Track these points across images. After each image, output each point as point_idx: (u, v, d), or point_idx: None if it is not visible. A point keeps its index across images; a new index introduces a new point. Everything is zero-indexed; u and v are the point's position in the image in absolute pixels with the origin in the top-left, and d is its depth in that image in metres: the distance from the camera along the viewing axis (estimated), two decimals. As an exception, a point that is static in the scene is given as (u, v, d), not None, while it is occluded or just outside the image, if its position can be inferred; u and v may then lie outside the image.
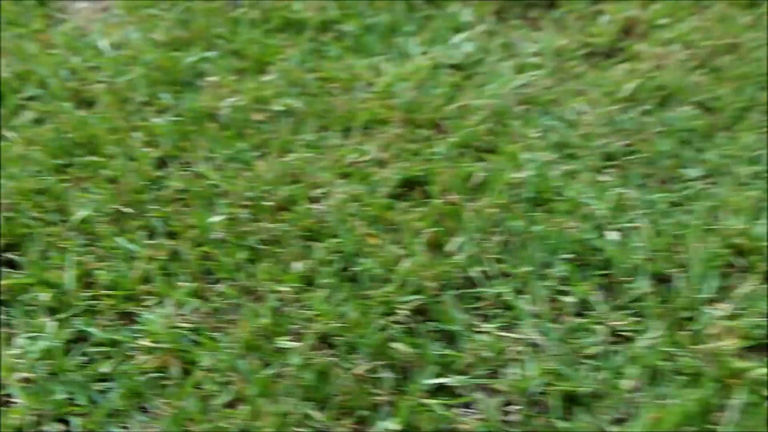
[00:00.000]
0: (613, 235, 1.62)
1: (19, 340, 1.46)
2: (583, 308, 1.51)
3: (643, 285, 1.53)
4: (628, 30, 2.29)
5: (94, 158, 1.84)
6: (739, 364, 1.39)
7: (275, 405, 1.34)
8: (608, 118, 1.94)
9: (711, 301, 1.51)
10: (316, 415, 1.34)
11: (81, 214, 1.69)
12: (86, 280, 1.57)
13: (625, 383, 1.37)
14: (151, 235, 1.67)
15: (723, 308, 1.49)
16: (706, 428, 1.31)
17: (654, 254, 1.58)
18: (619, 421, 1.34)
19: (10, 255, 1.63)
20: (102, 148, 1.86)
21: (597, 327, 1.47)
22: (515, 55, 2.19)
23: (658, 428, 1.30)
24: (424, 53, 2.19)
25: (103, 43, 2.22)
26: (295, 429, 1.32)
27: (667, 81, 2.05)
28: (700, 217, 1.65)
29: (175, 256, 1.62)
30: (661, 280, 1.55)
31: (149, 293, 1.54)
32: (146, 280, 1.57)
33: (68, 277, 1.56)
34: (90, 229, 1.67)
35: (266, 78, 2.09)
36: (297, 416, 1.33)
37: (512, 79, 2.07)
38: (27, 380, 1.40)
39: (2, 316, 1.51)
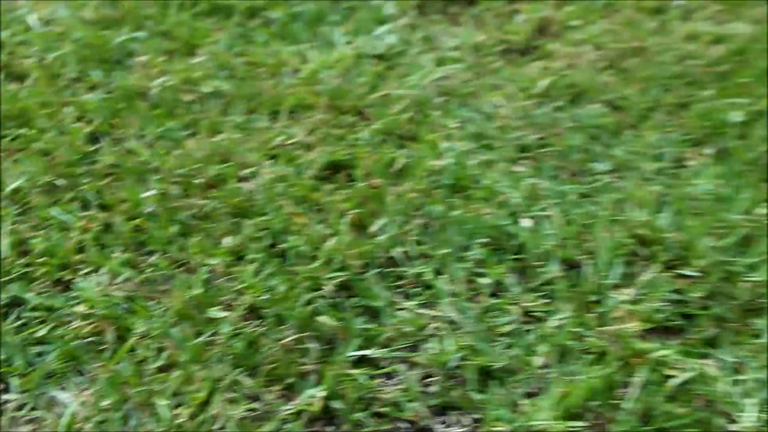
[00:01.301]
0: (526, 222, 1.71)
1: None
2: (497, 289, 1.60)
3: (553, 269, 1.62)
4: (542, 29, 2.40)
5: (26, 131, 1.87)
6: (641, 345, 1.49)
7: (207, 370, 1.40)
8: (523, 112, 2.04)
9: (616, 287, 1.61)
10: (246, 381, 1.40)
11: (14, 184, 1.72)
12: (21, 249, 1.61)
13: (536, 360, 1.47)
14: (84, 207, 1.71)
15: (627, 293, 1.59)
16: (610, 403, 1.41)
17: (564, 241, 1.68)
18: (530, 395, 1.43)
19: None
20: (34, 122, 1.89)
21: (510, 307, 1.56)
22: (436, 48, 2.29)
23: (566, 402, 1.40)
24: (349, 43, 2.28)
25: (32, 18, 2.24)
26: (226, 394, 1.38)
27: (578, 79, 2.16)
28: (607, 208, 1.75)
29: (108, 228, 1.66)
30: (571, 265, 1.65)
31: (83, 262, 1.59)
32: (80, 249, 1.61)
33: (3, 245, 1.60)
34: (24, 199, 1.71)
35: (195, 60, 2.15)
36: (227, 382, 1.39)
37: (432, 71, 2.17)
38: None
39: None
